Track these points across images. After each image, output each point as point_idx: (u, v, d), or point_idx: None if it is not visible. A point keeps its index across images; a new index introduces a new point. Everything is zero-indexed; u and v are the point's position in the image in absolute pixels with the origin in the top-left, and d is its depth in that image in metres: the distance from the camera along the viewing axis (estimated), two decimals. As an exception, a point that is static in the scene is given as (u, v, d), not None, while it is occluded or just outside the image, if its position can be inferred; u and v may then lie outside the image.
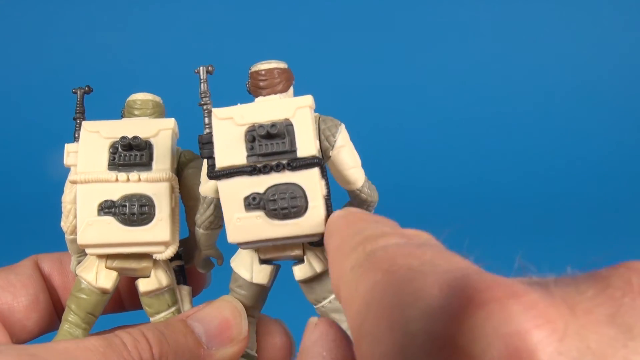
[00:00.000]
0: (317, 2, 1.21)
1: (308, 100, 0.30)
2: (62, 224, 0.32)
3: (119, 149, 0.31)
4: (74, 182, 0.31)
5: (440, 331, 0.15)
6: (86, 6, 1.19)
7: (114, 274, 0.31)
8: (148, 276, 0.32)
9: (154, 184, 0.31)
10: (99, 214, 0.30)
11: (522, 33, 1.23)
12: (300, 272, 0.30)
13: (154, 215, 0.30)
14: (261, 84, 0.30)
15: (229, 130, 0.29)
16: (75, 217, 0.31)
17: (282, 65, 0.31)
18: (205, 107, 0.30)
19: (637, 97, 1.22)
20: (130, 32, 1.21)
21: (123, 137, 0.31)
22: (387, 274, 0.18)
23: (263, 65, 0.31)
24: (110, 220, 0.30)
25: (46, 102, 1.18)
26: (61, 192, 0.33)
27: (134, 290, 0.33)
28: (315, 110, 0.31)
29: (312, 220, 0.28)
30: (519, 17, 1.23)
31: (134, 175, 0.31)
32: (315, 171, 0.28)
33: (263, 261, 0.31)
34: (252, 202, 0.28)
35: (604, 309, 0.15)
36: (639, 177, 1.14)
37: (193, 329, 0.27)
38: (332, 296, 0.30)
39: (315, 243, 0.29)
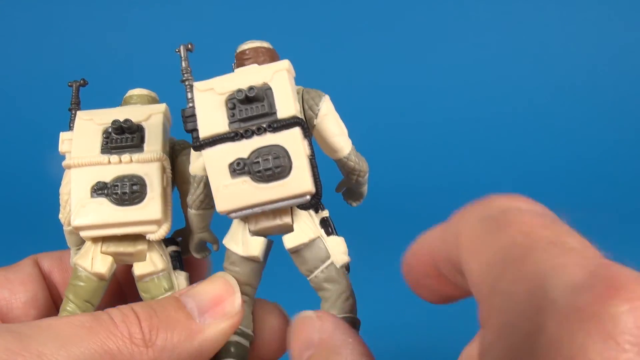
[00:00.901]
0: (317, 3, 1.21)
1: (285, 63, 0.30)
2: (60, 215, 0.33)
3: (112, 134, 0.32)
4: (67, 167, 0.32)
5: (584, 306, 0.16)
6: (86, 6, 1.19)
7: (109, 259, 0.31)
8: (143, 261, 0.32)
9: (145, 164, 0.31)
10: (92, 196, 0.31)
11: (522, 33, 1.23)
12: (290, 241, 0.30)
13: (145, 194, 0.30)
14: (246, 62, 0.31)
15: (210, 100, 0.30)
16: None
17: (266, 44, 0.32)
18: (187, 82, 0.31)
19: (637, 97, 1.22)
20: (129, 31, 1.21)
21: (115, 121, 0.32)
22: (528, 238, 0.19)
23: (247, 45, 0.32)
24: (102, 201, 0.30)
25: (46, 102, 1.18)
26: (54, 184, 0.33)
27: (133, 281, 0.33)
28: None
29: (297, 179, 0.28)
30: (518, 17, 1.23)
31: (125, 156, 0.31)
32: (297, 130, 0.28)
33: (254, 234, 0.30)
34: (237, 168, 0.28)
35: None
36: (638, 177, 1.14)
37: (185, 304, 0.27)
38: (324, 265, 0.29)
39: (304, 206, 0.29)
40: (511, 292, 0.18)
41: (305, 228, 0.30)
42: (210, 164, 0.29)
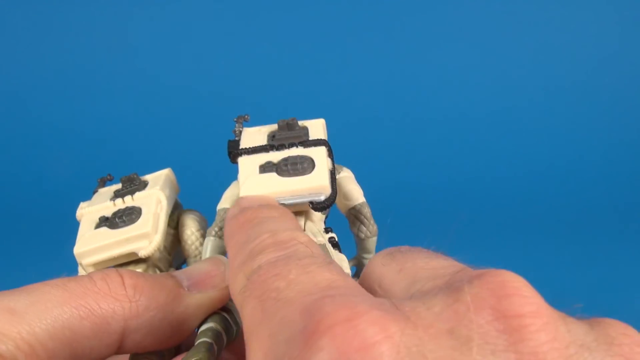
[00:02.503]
0: (318, 3, 1.21)
1: (322, 120, 0.34)
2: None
3: (120, 188, 0.35)
4: (80, 217, 0.34)
5: (298, 355, 0.16)
6: (86, 5, 1.19)
7: None
8: None
9: (144, 199, 0.34)
10: (94, 229, 0.33)
11: (522, 33, 1.23)
12: None
13: (139, 217, 0.33)
14: None
15: (255, 133, 0.34)
16: None
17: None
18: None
19: (637, 97, 1.22)
20: (129, 32, 1.21)
21: (123, 176, 0.35)
22: (259, 302, 0.19)
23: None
24: (102, 230, 0.32)
25: (47, 102, 1.18)
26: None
27: None
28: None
29: (317, 178, 0.30)
30: (519, 17, 1.23)
31: (128, 198, 0.34)
32: (323, 148, 0.32)
33: None
34: (266, 167, 0.31)
35: (444, 323, 0.16)
36: (638, 177, 1.14)
37: (174, 276, 0.27)
38: None
39: (317, 207, 0.30)
40: None
41: (315, 232, 0.31)
42: (243, 167, 0.31)
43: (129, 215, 0.32)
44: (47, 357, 0.21)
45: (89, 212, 0.34)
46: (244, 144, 0.33)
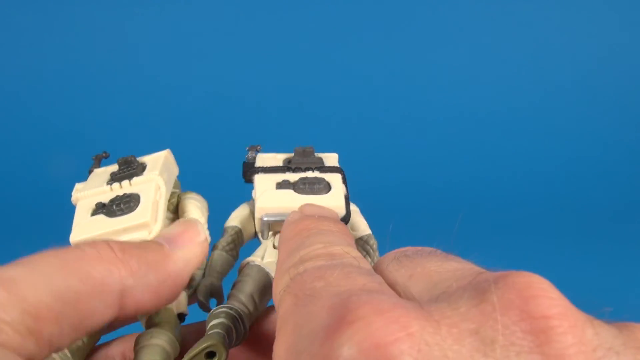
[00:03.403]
0: (319, 3, 1.21)
1: (335, 154, 0.36)
2: None
3: (117, 170, 0.34)
4: (75, 201, 0.33)
5: (318, 349, 0.16)
6: (86, 5, 1.19)
7: None
8: None
9: (142, 184, 0.33)
10: (90, 216, 0.32)
11: (522, 33, 1.23)
12: None
13: (138, 205, 0.32)
14: None
15: (271, 158, 0.35)
16: None
17: None
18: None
19: (637, 97, 1.22)
20: (129, 32, 1.21)
21: (120, 157, 0.34)
22: (294, 298, 0.19)
23: None
24: (99, 217, 0.31)
25: (47, 102, 1.18)
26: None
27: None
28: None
29: (333, 199, 0.32)
30: (520, 17, 1.23)
31: (125, 182, 0.33)
32: (338, 175, 0.33)
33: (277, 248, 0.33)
34: (283, 184, 0.32)
35: (470, 323, 0.16)
36: (638, 177, 1.15)
37: (154, 240, 0.28)
38: None
39: None
40: (278, 355, 0.19)
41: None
42: (259, 184, 0.33)
43: (127, 203, 0.31)
44: (54, 319, 0.21)
45: (84, 196, 0.33)
46: (259, 163, 0.34)
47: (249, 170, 0.34)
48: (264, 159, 0.35)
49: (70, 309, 0.22)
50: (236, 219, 0.34)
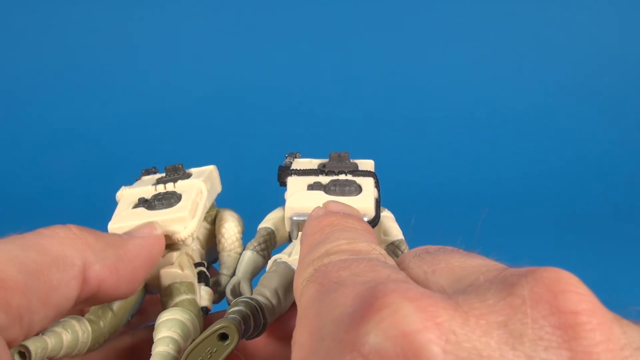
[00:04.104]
0: (319, 3, 1.21)
1: (371, 160, 0.36)
2: None
3: (165, 175, 0.36)
4: (119, 197, 0.34)
5: (343, 336, 0.16)
6: (86, 5, 1.19)
7: None
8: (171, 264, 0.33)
9: (185, 187, 0.34)
10: (132, 209, 0.33)
11: (523, 33, 1.23)
12: None
13: (178, 202, 0.33)
14: None
15: (306, 163, 0.36)
16: None
17: None
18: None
19: (637, 97, 1.22)
20: (130, 33, 1.21)
21: (167, 165, 0.36)
22: (319, 286, 0.19)
23: None
24: (139, 210, 0.33)
25: (48, 103, 1.18)
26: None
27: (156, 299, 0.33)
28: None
29: (363, 201, 0.32)
30: (520, 17, 1.24)
31: (169, 184, 0.35)
32: (371, 179, 0.33)
33: None
34: (314, 186, 0.33)
35: (498, 315, 0.16)
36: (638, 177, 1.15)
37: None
38: None
39: None
40: (299, 341, 0.18)
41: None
42: (291, 185, 0.33)
43: (168, 200, 0.33)
44: (20, 290, 0.22)
45: (128, 193, 0.34)
46: (295, 166, 0.35)
47: (284, 173, 0.34)
48: (299, 163, 0.36)
49: (35, 281, 0.23)
50: (269, 220, 0.35)
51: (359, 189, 0.33)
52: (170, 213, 0.32)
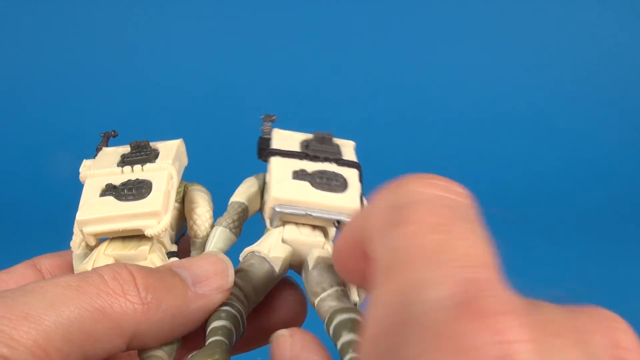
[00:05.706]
0: (320, 4, 1.21)
1: (352, 142, 0.35)
2: (72, 242, 0.33)
3: (129, 153, 0.34)
4: (83, 178, 0.33)
5: (443, 326, 0.16)
6: (87, 5, 1.19)
7: (111, 260, 0.31)
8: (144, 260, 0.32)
9: (154, 172, 0.33)
10: (99, 196, 0.31)
11: (524, 33, 1.23)
12: (319, 252, 0.31)
13: (149, 193, 0.31)
14: None
15: (287, 137, 0.34)
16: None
17: None
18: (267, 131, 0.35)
19: (637, 97, 1.22)
20: (130, 33, 1.21)
21: (132, 141, 0.34)
22: (413, 244, 0.18)
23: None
24: (108, 199, 0.31)
25: (48, 103, 1.18)
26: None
27: None
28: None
29: (349, 199, 0.31)
30: (520, 17, 1.23)
31: (137, 167, 0.33)
32: (356, 171, 0.33)
33: (286, 242, 0.32)
34: (300, 174, 0.32)
35: (572, 334, 0.17)
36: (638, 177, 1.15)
37: (179, 274, 0.26)
38: (333, 289, 0.29)
39: (341, 228, 0.31)
40: (386, 303, 0.18)
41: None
42: (275, 168, 0.32)
43: (138, 189, 0.31)
44: (60, 359, 0.21)
45: (94, 175, 0.32)
46: (276, 145, 0.33)
47: (266, 149, 0.33)
48: (281, 136, 0.34)
49: (78, 350, 0.22)
50: (243, 194, 0.34)
51: (344, 184, 0.32)
52: (142, 207, 0.30)
